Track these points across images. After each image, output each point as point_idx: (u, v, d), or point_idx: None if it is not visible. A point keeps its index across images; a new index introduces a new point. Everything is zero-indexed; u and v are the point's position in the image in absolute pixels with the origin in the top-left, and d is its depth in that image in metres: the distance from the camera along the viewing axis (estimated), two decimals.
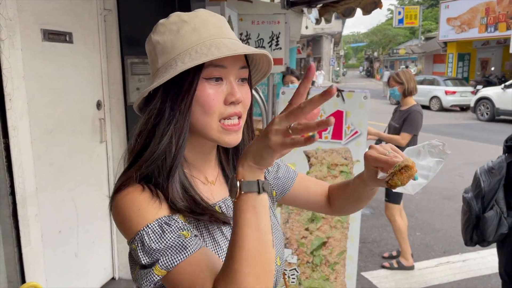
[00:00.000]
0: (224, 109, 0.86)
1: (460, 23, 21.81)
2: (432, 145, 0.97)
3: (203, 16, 0.88)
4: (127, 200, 0.81)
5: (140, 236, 0.78)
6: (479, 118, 14.54)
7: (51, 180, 2.53)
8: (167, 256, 0.76)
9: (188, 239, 0.78)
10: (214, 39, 0.85)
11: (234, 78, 0.87)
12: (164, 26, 0.89)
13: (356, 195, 1.08)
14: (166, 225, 0.79)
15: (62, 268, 2.67)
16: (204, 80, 0.84)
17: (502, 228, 2.39)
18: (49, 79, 2.49)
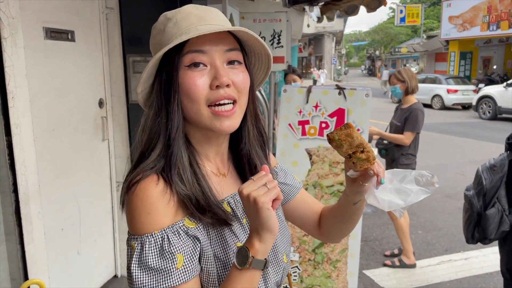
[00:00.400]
0: (211, 94, 0.86)
1: (462, 21, 21.76)
2: (421, 174, 0.95)
3: (186, 10, 0.89)
4: (140, 198, 0.82)
5: (142, 241, 0.80)
6: (481, 117, 14.51)
7: (53, 178, 2.53)
8: (154, 278, 0.79)
9: (178, 269, 0.80)
10: (190, 27, 0.86)
11: (221, 61, 0.87)
12: (155, 28, 0.92)
13: (340, 213, 1.08)
14: (167, 241, 0.80)
15: (65, 266, 2.68)
16: (186, 68, 0.85)
17: (504, 226, 2.39)
18: (51, 77, 2.50)
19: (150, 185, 0.83)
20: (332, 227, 1.13)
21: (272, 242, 0.83)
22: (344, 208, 1.06)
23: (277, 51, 3.42)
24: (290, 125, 2.60)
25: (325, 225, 1.14)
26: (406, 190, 0.94)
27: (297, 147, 2.58)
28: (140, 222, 0.81)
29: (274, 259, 0.98)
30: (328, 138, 0.89)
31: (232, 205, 0.94)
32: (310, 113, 2.58)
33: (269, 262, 0.87)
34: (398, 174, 0.96)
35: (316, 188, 2.52)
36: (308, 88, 2.59)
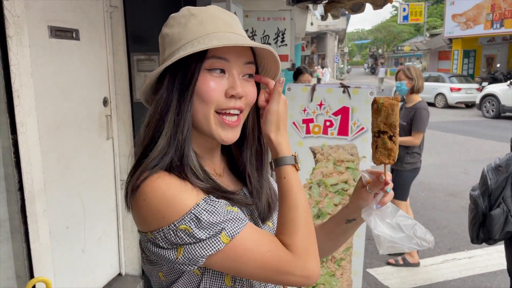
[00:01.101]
0: (224, 101, 0.87)
1: (465, 19, 21.68)
2: (421, 228, 0.97)
3: (212, 11, 0.89)
4: (161, 185, 0.81)
5: (192, 215, 0.79)
6: (485, 115, 14.47)
7: (58, 176, 2.54)
8: (230, 225, 0.80)
9: (237, 212, 0.84)
10: (218, 32, 0.86)
11: (238, 72, 0.88)
12: (174, 19, 0.91)
13: (329, 228, 1.10)
14: (213, 202, 0.82)
15: (70, 264, 2.69)
16: (206, 71, 0.85)
17: (509, 227, 2.38)
18: (56, 76, 2.50)
19: (164, 174, 0.83)
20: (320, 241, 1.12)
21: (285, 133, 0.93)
22: (335, 224, 1.09)
23: (281, 49, 3.42)
24: (295, 123, 2.60)
25: None
26: (401, 231, 0.95)
27: (301, 145, 2.58)
28: (178, 202, 0.80)
29: None
30: (374, 99, 0.93)
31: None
32: (315, 111, 2.58)
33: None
34: (401, 215, 0.98)
35: (320, 187, 2.52)
36: (312, 87, 2.58)
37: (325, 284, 2.55)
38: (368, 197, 1.00)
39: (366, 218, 0.97)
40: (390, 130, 0.93)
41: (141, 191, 0.82)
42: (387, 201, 0.97)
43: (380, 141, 0.95)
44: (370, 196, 1.00)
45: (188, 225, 0.78)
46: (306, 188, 2.55)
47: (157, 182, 0.81)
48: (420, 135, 3.69)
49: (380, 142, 0.95)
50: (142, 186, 0.82)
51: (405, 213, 0.99)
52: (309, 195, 2.54)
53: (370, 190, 0.99)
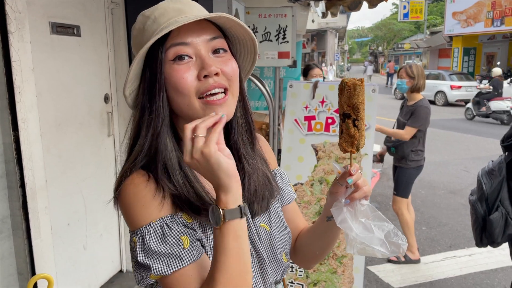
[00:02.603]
0: (201, 85, 0.83)
1: (465, 17, 21.64)
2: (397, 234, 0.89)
3: (163, 6, 0.88)
4: (132, 192, 0.82)
5: (141, 232, 0.80)
6: None
7: (60, 173, 2.54)
8: (163, 262, 0.79)
9: (186, 249, 0.80)
10: (169, 21, 0.84)
11: (205, 51, 0.85)
12: (134, 29, 0.92)
13: (314, 229, 1.07)
14: (167, 227, 0.80)
15: (71, 261, 2.69)
16: (171, 62, 0.83)
17: (510, 229, 2.37)
18: (57, 72, 2.50)
19: (139, 179, 0.83)
20: (302, 244, 1.10)
21: (237, 186, 0.77)
22: (318, 224, 1.05)
23: (283, 46, 3.41)
24: (296, 120, 2.59)
25: (297, 243, 1.11)
26: (371, 232, 0.89)
27: (303, 142, 2.57)
28: (136, 216, 0.81)
29: (273, 258, 0.97)
30: (342, 81, 0.89)
31: None
32: (316, 108, 2.58)
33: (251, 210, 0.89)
34: (378, 216, 0.91)
35: (322, 184, 2.52)
36: (314, 84, 2.58)
37: (327, 281, 2.55)
38: (338, 189, 0.94)
39: (334, 212, 0.91)
40: (353, 113, 0.88)
41: (118, 194, 0.85)
42: (357, 197, 0.91)
43: (344, 126, 0.90)
44: (341, 189, 0.94)
45: (137, 240, 0.81)
46: (308, 185, 2.55)
47: (127, 188, 0.83)
48: (411, 130, 3.65)
49: (344, 127, 0.90)
50: (120, 187, 0.84)
51: (383, 215, 0.91)
52: (310, 192, 2.54)
53: (339, 182, 0.93)
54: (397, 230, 0.90)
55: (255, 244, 0.95)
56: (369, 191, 0.93)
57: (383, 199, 5.53)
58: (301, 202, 2.55)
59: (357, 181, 0.91)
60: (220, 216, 0.76)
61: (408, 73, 3.72)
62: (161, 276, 0.79)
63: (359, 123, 0.88)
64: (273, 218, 1.01)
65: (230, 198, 0.77)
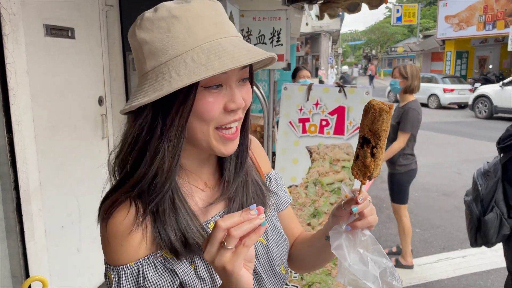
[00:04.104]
0: (224, 117, 0.78)
1: (458, 21, 21.85)
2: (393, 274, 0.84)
3: (196, 10, 0.76)
4: (113, 227, 0.78)
5: (118, 272, 0.78)
6: (477, 116, 14.58)
7: (54, 175, 2.53)
8: None
9: None
10: (211, 41, 0.74)
11: (235, 81, 0.79)
12: (151, 21, 0.76)
13: (311, 242, 1.03)
14: (142, 276, 0.77)
15: (65, 264, 2.67)
16: (202, 88, 0.75)
17: (504, 230, 2.40)
18: (52, 74, 2.49)
19: (122, 215, 0.78)
20: (297, 253, 1.07)
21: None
22: (316, 239, 1.00)
23: (277, 49, 3.42)
24: (291, 122, 2.61)
25: (293, 251, 1.08)
26: (366, 266, 0.83)
27: (298, 144, 2.59)
28: (114, 254, 0.78)
29: (271, 272, 0.94)
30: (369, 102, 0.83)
31: None
32: (311, 110, 2.59)
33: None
34: (377, 250, 0.86)
35: (316, 186, 2.53)
36: (308, 86, 2.60)
37: (321, 283, 2.56)
38: (342, 213, 0.89)
39: (331, 236, 0.85)
40: (373, 139, 0.82)
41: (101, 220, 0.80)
42: (359, 225, 0.85)
43: (362, 153, 0.84)
44: (344, 213, 0.88)
45: (112, 278, 0.78)
46: (302, 187, 2.56)
47: (111, 221, 0.78)
48: (404, 136, 3.55)
49: (361, 154, 0.84)
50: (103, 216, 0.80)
51: (383, 250, 0.86)
52: (305, 194, 2.55)
53: (344, 206, 0.87)
54: (394, 270, 0.85)
55: None
56: (375, 221, 0.87)
57: (377, 202, 5.56)
58: (296, 204, 2.56)
59: (363, 210, 0.85)
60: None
61: (402, 73, 3.62)
62: None
63: (377, 152, 0.82)
64: (269, 229, 0.98)
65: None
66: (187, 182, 0.86)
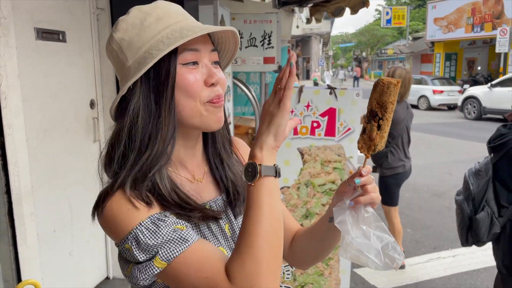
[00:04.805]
0: (207, 92, 0.85)
1: (447, 23, 22.10)
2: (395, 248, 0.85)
3: (163, 5, 0.87)
4: (115, 204, 0.80)
5: (133, 234, 0.77)
6: (467, 117, 14.75)
7: (46, 179, 2.52)
8: (167, 248, 0.76)
9: (184, 231, 0.78)
10: (181, 23, 0.84)
11: (208, 60, 0.87)
12: (125, 22, 0.86)
13: (314, 230, 1.03)
14: (159, 221, 0.78)
15: (57, 267, 2.66)
16: (181, 65, 0.83)
17: (495, 228, 2.45)
18: (43, 78, 2.49)
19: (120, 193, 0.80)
20: (300, 246, 1.07)
21: (275, 151, 0.79)
22: (319, 224, 1.01)
23: (268, 52, 3.45)
24: None
25: (295, 244, 1.08)
26: (369, 240, 0.85)
27: (289, 146, 2.61)
28: (124, 221, 0.78)
29: None
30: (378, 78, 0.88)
31: (214, 209, 0.92)
32: (302, 112, 2.62)
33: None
34: (380, 227, 0.87)
35: (308, 187, 2.55)
36: (299, 88, 2.62)
37: (314, 283, 2.58)
38: (346, 189, 0.91)
39: (335, 212, 0.88)
40: (380, 111, 0.86)
41: (102, 207, 0.81)
42: (362, 201, 0.87)
43: (368, 126, 0.88)
44: (348, 189, 0.91)
45: (130, 245, 0.77)
46: (294, 188, 2.58)
47: (112, 202, 0.80)
48: None
49: (368, 128, 0.88)
50: (102, 203, 0.81)
51: (385, 227, 0.87)
52: (297, 196, 2.57)
53: (348, 182, 0.91)
54: (396, 244, 0.86)
55: None
56: (377, 198, 0.89)
57: None
58: (288, 205, 2.58)
59: (366, 185, 0.88)
60: (256, 171, 0.77)
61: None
62: (168, 264, 0.76)
63: (383, 123, 0.86)
64: None
65: (266, 155, 0.78)
66: (177, 174, 0.90)
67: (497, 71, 19.51)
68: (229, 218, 0.94)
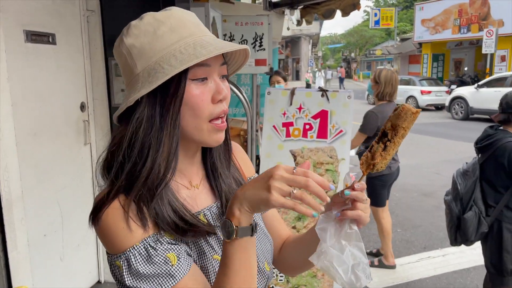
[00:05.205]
0: (213, 109, 0.85)
1: (434, 24, 22.36)
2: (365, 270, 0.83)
3: (178, 15, 0.85)
4: (111, 217, 0.79)
5: (126, 256, 0.78)
6: (454, 117, 14.93)
7: (36, 183, 2.49)
8: (154, 283, 0.77)
9: (175, 266, 0.79)
10: (195, 38, 0.83)
11: (217, 75, 0.86)
12: (137, 28, 0.84)
13: (303, 238, 1.04)
14: (152, 249, 0.79)
15: (48, 272, 2.63)
16: (190, 81, 0.81)
17: (482, 228, 2.49)
18: (33, 81, 2.46)
19: (117, 204, 0.80)
20: (289, 254, 1.07)
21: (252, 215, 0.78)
22: (307, 234, 1.01)
23: (259, 54, 3.45)
24: (275, 127, 2.63)
25: (284, 251, 1.09)
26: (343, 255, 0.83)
27: (282, 148, 2.61)
28: (119, 239, 0.79)
29: None
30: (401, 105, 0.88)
31: (208, 217, 0.92)
32: (294, 115, 2.62)
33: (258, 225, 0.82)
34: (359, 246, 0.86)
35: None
36: (291, 90, 2.63)
37: (307, 285, 2.59)
38: (336, 200, 0.90)
39: (320, 219, 0.87)
40: (391, 133, 0.87)
41: (99, 215, 0.81)
42: (349, 215, 0.85)
43: (375, 146, 0.88)
44: (339, 200, 0.89)
45: (122, 264, 0.79)
46: None
47: (108, 212, 0.80)
48: (357, 136, 3.53)
49: (375, 147, 0.88)
50: (99, 211, 0.81)
51: (364, 249, 0.86)
52: None
53: (340, 194, 0.88)
54: (368, 267, 0.85)
55: None
56: (365, 218, 0.87)
57: None
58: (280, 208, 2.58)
59: (356, 201, 0.86)
60: (232, 233, 0.76)
61: (375, 78, 3.62)
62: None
63: (389, 145, 0.86)
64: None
65: (244, 216, 0.77)
66: (174, 180, 0.89)
67: (484, 72, 19.79)
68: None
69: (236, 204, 0.77)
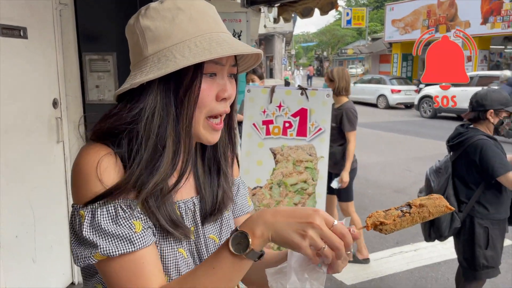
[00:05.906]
0: (215, 106, 0.84)
1: (404, 24, 22.87)
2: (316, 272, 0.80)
3: (200, 6, 0.83)
4: (91, 159, 0.77)
5: (93, 208, 0.75)
6: (423, 115, 15.34)
7: (6, 183, 2.40)
8: (111, 242, 0.75)
9: (138, 233, 0.77)
10: (212, 33, 0.82)
11: (226, 73, 0.86)
12: (156, 10, 0.82)
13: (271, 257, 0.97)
14: (121, 210, 0.77)
15: (20, 274, 2.54)
16: (203, 75, 0.81)
17: (455, 223, 2.57)
18: (3, 76, 2.36)
19: (105, 152, 0.78)
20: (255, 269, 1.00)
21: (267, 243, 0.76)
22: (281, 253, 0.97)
23: None
24: (255, 124, 2.63)
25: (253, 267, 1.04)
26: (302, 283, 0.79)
27: (262, 146, 2.62)
28: (91, 188, 0.76)
29: None
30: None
31: (182, 211, 0.90)
32: (274, 112, 2.63)
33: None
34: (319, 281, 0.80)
35: (280, 187, 2.57)
36: (271, 88, 2.63)
37: None
38: None
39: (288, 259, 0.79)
40: (415, 209, 0.84)
41: (78, 153, 0.80)
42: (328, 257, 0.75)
43: (393, 211, 0.85)
44: None
45: (85, 214, 0.76)
46: (266, 188, 2.59)
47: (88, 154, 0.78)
48: (353, 134, 3.67)
49: (391, 212, 0.84)
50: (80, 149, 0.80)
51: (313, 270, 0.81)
52: (269, 195, 2.58)
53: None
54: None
55: (201, 255, 0.93)
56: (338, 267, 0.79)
57: None
58: (260, 205, 2.59)
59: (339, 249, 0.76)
60: (243, 250, 0.74)
61: (329, 77, 3.79)
62: (106, 257, 0.75)
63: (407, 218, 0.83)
64: (224, 229, 0.99)
65: (260, 244, 0.74)
66: None
67: None
68: (195, 221, 0.92)
69: (261, 227, 0.74)
